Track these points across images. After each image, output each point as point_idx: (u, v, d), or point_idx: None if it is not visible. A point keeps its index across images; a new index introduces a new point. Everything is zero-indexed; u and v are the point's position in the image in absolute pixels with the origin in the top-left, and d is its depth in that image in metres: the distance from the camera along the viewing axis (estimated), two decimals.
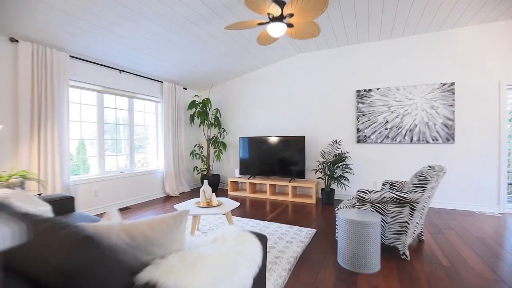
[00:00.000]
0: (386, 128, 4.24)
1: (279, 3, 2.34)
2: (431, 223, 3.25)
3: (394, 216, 2.26)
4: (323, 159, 4.55)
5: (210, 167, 5.55)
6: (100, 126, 3.93)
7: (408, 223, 2.21)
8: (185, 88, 5.52)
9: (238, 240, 1.19)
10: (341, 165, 4.31)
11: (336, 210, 2.68)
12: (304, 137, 4.60)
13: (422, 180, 2.16)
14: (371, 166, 4.41)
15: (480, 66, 3.72)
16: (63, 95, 3.25)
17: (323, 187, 4.52)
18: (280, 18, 2.48)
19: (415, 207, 2.17)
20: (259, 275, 1.18)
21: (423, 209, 2.43)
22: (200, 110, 5.30)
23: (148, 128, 4.90)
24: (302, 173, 4.64)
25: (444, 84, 3.86)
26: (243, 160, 5.21)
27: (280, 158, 4.85)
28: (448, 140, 3.87)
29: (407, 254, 2.25)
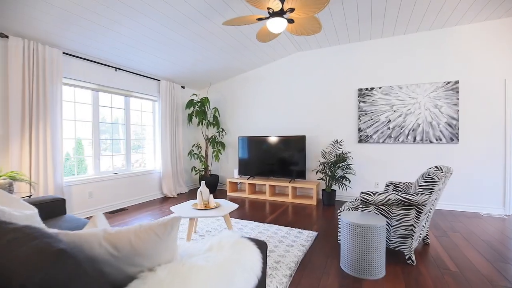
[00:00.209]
0: (389, 128, 4.15)
1: None
2: (436, 225, 3.16)
3: (400, 219, 2.16)
4: (324, 159, 4.46)
5: (209, 168, 5.45)
6: (95, 125, 3.82)
7: (415, 227, 2.11)
8: (183, 87, 5.42)
9: (236, 248, 1.10)
10: (342, 165, 4.21)
11: (339, 212, 2.58)
12: (304, 136, 4.50)
13: (430, 181, 2.06)
14: (373, 166, 4.31)
15: (485, 64, 3.62)
16: (56, 93, 3.14)
17: (324, 188, 4.43)
18: (280, 13, 2.39)
19: (422, 209, 2.07)
20: (259, 287, 1.08)
21: (430, 211, 2.34)
22: (198, 109, 5.19)
23: (145, 127, 4.79)
24: (302, 173, 4.53)
25: (448, 82, 3.77)
26: (242, 160, 5.11)
27: (280, 158, 4.75)
28: (452, 140, 3.77)
29: (413, 259, 2.16)
